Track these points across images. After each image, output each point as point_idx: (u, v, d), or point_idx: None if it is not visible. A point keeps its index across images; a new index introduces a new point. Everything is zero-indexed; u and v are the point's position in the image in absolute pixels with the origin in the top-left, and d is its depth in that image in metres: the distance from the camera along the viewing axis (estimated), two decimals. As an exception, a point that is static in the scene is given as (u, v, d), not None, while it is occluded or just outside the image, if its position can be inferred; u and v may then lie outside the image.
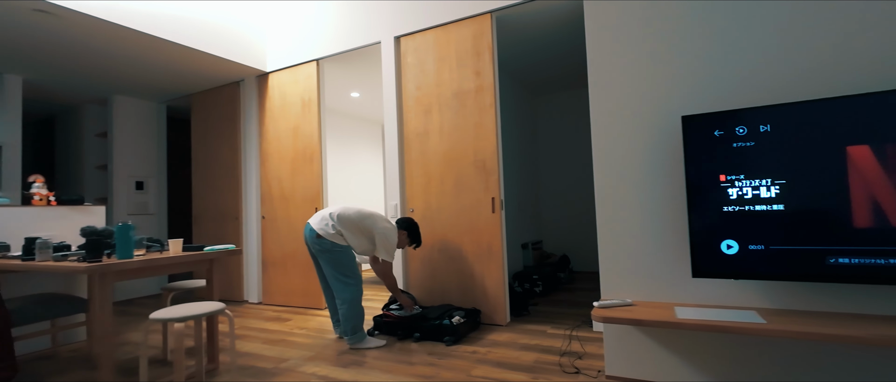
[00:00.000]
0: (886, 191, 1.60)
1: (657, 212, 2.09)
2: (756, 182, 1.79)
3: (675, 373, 2.04)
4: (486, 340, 2.86)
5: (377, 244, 2.81)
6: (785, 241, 1.74)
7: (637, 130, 2.14)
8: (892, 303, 1.69)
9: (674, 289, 2.05)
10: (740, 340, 1.92)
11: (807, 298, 1.82)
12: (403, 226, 3.04)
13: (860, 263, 1.63)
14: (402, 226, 3.04)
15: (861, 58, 1.75)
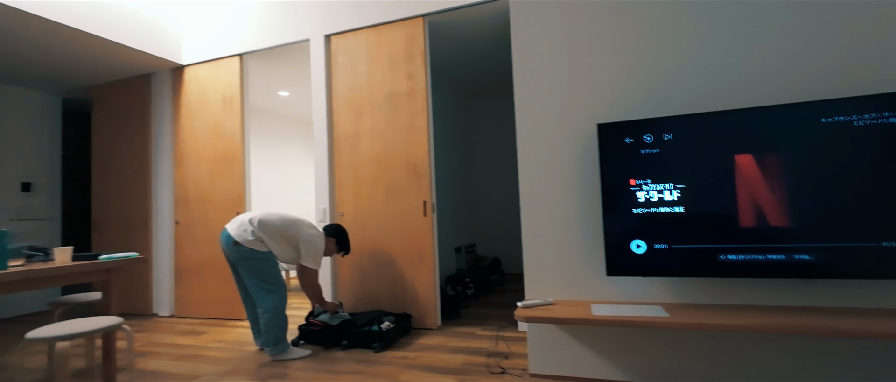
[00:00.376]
0: (765, 195, 1.80)
1: (577, 214, 2.20)
2: (661, 186, 1.94)
3: (593, 368, 2.15)
4: (416, 344, 2.83)
5: (302, 251, 2.69)
6: (685, 240, 1.90)
7: (559, 137, 2.25)
8: (770, 294, 1.91)
9: (591, 288, 2.17)
10: (648, 332, 2.07)
11: (704, 292, 2.00)
12: (331, 233, 2.94)
13: (745, 259, 1.82)
14: (330, 233, 2.94)
15: (747, 76, 1.96)
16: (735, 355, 1.95)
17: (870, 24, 1.82)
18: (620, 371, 2.11)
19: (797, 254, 1.76)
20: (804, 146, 1.76)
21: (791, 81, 1.91)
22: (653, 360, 2.06)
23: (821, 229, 1.73)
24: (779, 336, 1.89)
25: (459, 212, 5.13)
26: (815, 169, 1.74)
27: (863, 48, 1.82)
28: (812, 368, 1.85)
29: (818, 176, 1.74)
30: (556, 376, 2.20)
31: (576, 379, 2.16)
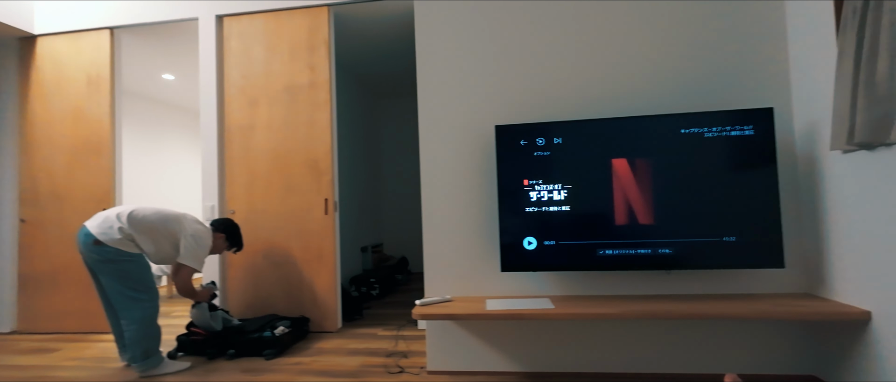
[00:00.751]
0: (636, 196, 2.01)
1: (475, 213, 2.26)
2: (551, 186, 2.07)
3: (489, 361, 2.22)
4: (313, 349, 2.70)
5: (183, 248, 2.41)
6: (570, 237, 2.05)
7: (460, 137, 2.29)
8: (640, 284, 2.14)
9: (487, 283, 2.24)
10: (537, 324, 2.19)
11: (586, 284, 2.17)
12: (221, 228, 2.69)
13: (619, 253, 2.02)
14: (220, 228, 2.68)
15: (627, 88, 2.18)
16: (612, 339, 2.14)
17: (718, 53, 2.12)
18: (514, 362, 2.21)
19: (660, 248, 1.99)
20: (666, 153, 1.99)
21: (661, 94, 2.15)
22: (542, 350, 2.19)
23: (678, 227, 1.98)
24: (646, 320, 2.12)
25: (366, 211, 5.02)
26: (675, 173, 1.98)
27: (713, 71, 2.12)
28: (674, 346, 2.11)
29: (677, 180, 1.98)
30: (454, 371, 2.23)
31: (472, 373, 2.21)
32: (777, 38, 2.09)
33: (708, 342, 2.09)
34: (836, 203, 1.83)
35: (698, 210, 1.97)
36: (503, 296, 2.21)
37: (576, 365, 2.16)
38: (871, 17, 1.59)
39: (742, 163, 1.94)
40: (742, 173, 1.94)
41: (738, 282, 2.08)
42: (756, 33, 2.10)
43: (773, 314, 1.74)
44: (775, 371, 2.05)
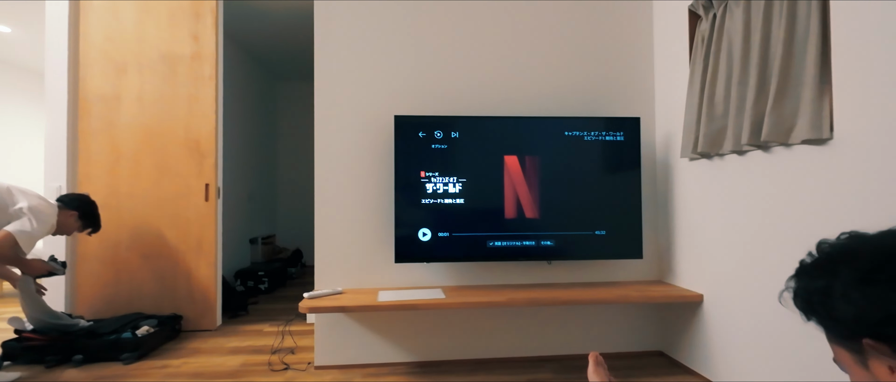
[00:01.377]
0: (524, 191, 2.14)
1: (370, 203, 2.22)
2: (447, 179, 2.11)
3: (380, 353, 2.20)
4: (186, 349, 2.43)
5: (18, 223, 1.99)
6: (463, 229, 2.12)
7: (357, 126, 2.22)
8: (525, 274, 2.29)
9: (380, 275, 2.22)
10: (429, 314, 2.23)
11: (476, 275, 2.26)
12: (72, 204, 2.28)
13: (507, 245, 2.13)
14: (71, 204, 2.28)
15: (520, 88, 2.30)
16: (499, 326, 2.26)
17: (600, 64, 2.34)
18: (405, 353, 2.22)
19: (544, 241, 2.15)
20: (552, 153, 2.15)
21: (550, 97, 2.32)
22: (433, 339, 2.23)
23: (560, 221, 2.15)
24: (530, 307, 2.28)
25: (257, 200, 4.67)
26: (558, 172, 2.15)
27: (596, 80, 2.34)
28: (553, 330, 2.29)
29: (560, 178, 2.15)
30: (343, 366, 2.18)
31: (363, 366, 2.18)
32: (646, 57, 2.37)
33: (580, 325, 2.31)
34: (682, 204, 2.14)
35: (576, 206, 2.16)
36: (396, 288, 2.21)
37: (466, 353, 2.25)
38: (715, 46, 1.88)
39: (613, 165, 2.18)
40: (613, 174, 2.18)
41: (605, 271, 2.33)
42: (630, 51, 2.36)
43: (631, 298, 1.99)
44: (632, 348, 2.34)
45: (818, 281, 0.54)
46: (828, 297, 0.53)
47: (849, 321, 0.50)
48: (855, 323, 0.50)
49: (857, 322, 0.49)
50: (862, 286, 0.49)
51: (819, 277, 0.55)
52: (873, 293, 0.48)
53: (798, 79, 1.50)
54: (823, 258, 0.56)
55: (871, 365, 0.50)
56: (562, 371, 2.12)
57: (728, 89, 1.80)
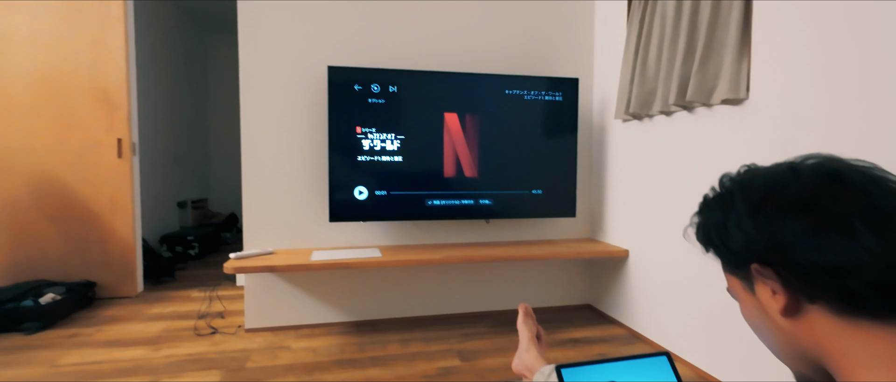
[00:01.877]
0: (464, 149, 2.12)
1: (302, 160, 2.10)
2: (384, 136, 2.04)
3: (314, 314, 2.15)
4: (100, 317, 2.25)
5: None
6: (401, 187, 2.07)
7: (287, 77, 2.07)
8: (464, 233, 2.30)
9: (314, 235, 2.14)
10: (365, 274, 2.20)
11: (413, 235, 2.24)
12: None
13: (446, 204, 2.12)
14: None
15: (462, 44, 2.23)
16: (436, 285, 2.27)
17: (541, 23, 2.32)
18: (341, 313, 2.18)
19: (482, 199, 2.16)
20: (492, 111, 2.13)
21: (491, 55, 2.27)
22: (370, 299, 2.21)
23: (498, 180, 2.16)
24: (466, 264, 2.30)
25: (187, 161, 4.33)
26: (498, 131, 2.14)
27: (537, 39, 2.32)
28: (489, 287, 2.34)
29: (499, 137, 2.14)
30: (275, 328, 2.11)
31: (297, 327, 2.12)
32: (587, 18, 2.37)
33: (514, 282, 2.37)
34: (614, 164, 2.21)
35: (515, 166, 2.17)
36: (330, 248, 2.14)
37: (403, 311, 2.25)
38: (650, 10, 1.90)
39: (551, 126, 2.19)
40: (551, 134, 2.20)
41: (540, 230, 2.39)
42: (572, 12, 2.35)
43: (563, 255, 2.06)
44: (563, 302, 2.45)
45: (716, 213, 0.55)
46: (724, 228, 0.53)
47: (739, 249, 0.51)
48: (745, 250, 0.50)
49: (747, 249, 0.50)
50: (752, 215, 0.50)
51: (717, 209, 0.55)
52: (762, 220, 0.48)
53: (722, 43, 1.55)
54: (723, 192, 0.56)
55: (757, 290, 0.52)
56: (496, 325, 2.18)
57: (660, 52, 1.84)
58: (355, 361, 1.78)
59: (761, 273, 0.49)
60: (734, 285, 0.56)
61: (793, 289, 0.46)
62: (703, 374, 1.66)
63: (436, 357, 1.82)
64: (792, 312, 0.47)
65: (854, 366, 0.42)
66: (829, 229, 0.43)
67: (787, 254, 0.46)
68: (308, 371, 1.68)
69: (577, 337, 2.05)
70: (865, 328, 0.42)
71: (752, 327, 0.56)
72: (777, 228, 0.47)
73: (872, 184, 0.45)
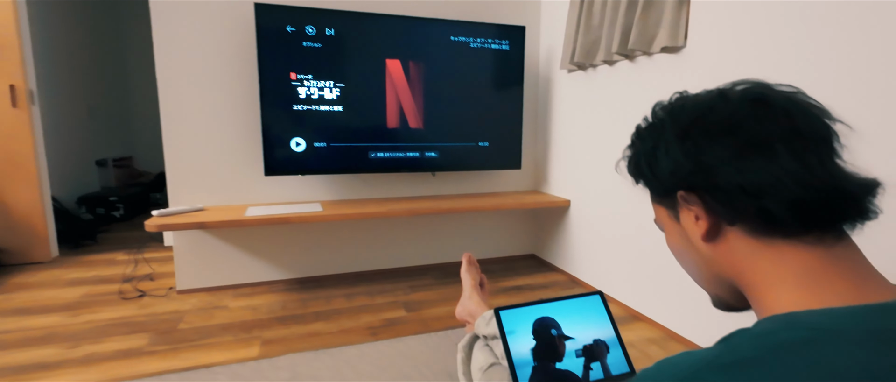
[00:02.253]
0: (408, 99, 2.03)
1: (231, 110, 1.94)
2: (322, 83, 1.91)
3: (255, 273, 2.06)
4: (7, 284, 2.03)
5: None
6: (342, 139, 1.97)
7: (208, 18, 1.86)
8: (410, 187, 2.26)
9: (249, 190, 2.01)
10: (306, 229, 2.12)
11: (356, 188, 2.17)
12: None
13: (390, 157, 2.05)
14: None
15: (402, -13, 2.10)
16: (380, 239, 2.24)
17: (488, -35, 2.21)
18: (281, 270, 2.10)
19: (428, 152, 2.11)
20: (437, 59, 2.04)
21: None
22: (312, 255, 2.14)
23: (444, 131, 2.11)
24: (411, 218, 2.28)
25: (106, 117, 3.91)
26: (443, 80, 2.07)
27: (482, -16, 2.22)
28: (434, 241, 2.34)
29: (445, 86, 2.07)
30: (211, 288, 2.00)
31: (234, 287, 2.03)
32: (534, -37, 2.30)
33: (460, 234, 2.39)
34: (558, 115, 2.22)
35: (461, 117, 2.12)
36: (267, 203, 2.03)
37: (348, 266, 2.21)
38: (596, -48, 1.86)
39: (498, 75, 2.15)
40: (497, 84, 2.16)
41: (487, 182, 2.40)
42: (519, -45, 2.26)
43: (507, 206, 2.08)
44: (508, 253, 2.51)
45: (647, 142, 0.54)
46: (653, 156, 0.52)
47: (667, 176, 0.50)
48: (671, 176, 0.50)
49: (674, 175, 0.49)
50: (681, 141, 0.49)
51: (648, 138, 0.54)
52: (689, 145, 0.48)
53: (664, -11, 1.54)
54: (654, 121, 0.55)
55: (682, 216, 0.52)
56: (442, 276, 2.20)
57: (605, 1, 1.82)
58: (298, 317, 1.73)
59: (686, 200, 0.49)
60: (661, 214, 0.56)
61: (715, 213, 0.47)
62: (632, 311, 1.77)
63: (381, 309, 1.81)
64: (713, 236, 0.48)
65: (764, 284, 0.43)
66: (752, 151, 0.43)
67: (711, 177, 0.45)
68: (247, 329, 1.62)
69: (520, 285, 2.11)
70: (778, 246, 0.43)
71: (676, 254, 0.56)
72: (703, 152, 0.46)
73: (795, 108, 0.45)
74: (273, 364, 1.37)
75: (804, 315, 0.37)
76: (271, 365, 1.36)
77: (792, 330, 0.35)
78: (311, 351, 1.45)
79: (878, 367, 0.32)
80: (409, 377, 1.31)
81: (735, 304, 0.51)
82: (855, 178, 0.41)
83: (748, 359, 0.34)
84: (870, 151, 1.00)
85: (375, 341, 1.53)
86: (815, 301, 0.39)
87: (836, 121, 0.45)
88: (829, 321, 0.35)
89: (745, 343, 0.36)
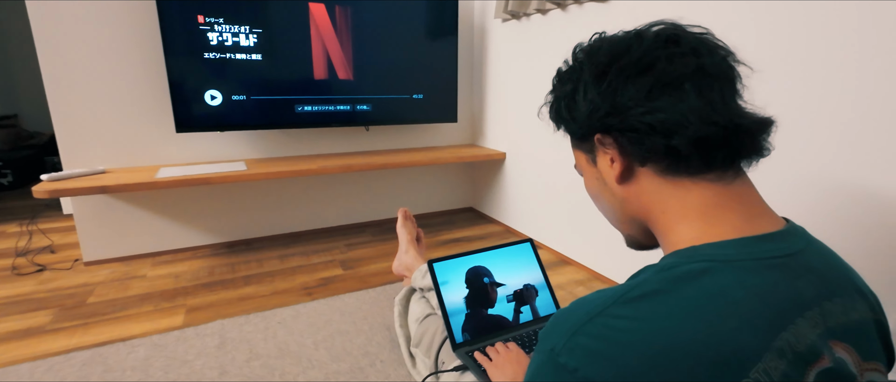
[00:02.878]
0: (336, 48, 1.90)
1: (130, 59, 1.70)
2: (236, 28, 1.72)
3: (177, 239, 1.91)
4: None
5: None
6: (264, 91, 1.82)
7: (92, -58, 1.58)
8: (341, 142, 2.16)
9: (160, 149, 1.82)
10: (235, 191, 1.98)
11: (283, 145, 2.04)
12: None
13: (319, 110, 1.93)
14: None
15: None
16: (312, 198, 2.15)
17: None
18: (209, 235, 1.97)
19: (360, 105, 2.01)
20: (365, 5, 1.90)
21: (360, -62, 1.98)
22: (242, 217, 2.02)
23: (376, 83, 2.01)
24: (344, 175, 2.20)
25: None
26: (374, 28, 1.94)
27: (412, -78, 2.07)
28: (369, 198, 2.29)
29: (376, 35, 1.95)
30: (125, 257, 1.84)
31: (153, 255, 1.87)
32: None
33: (398, 190, 2.36)
34: (494, 66, 2.20)
35: (394, 68, 2.03)
36: (183, 163, 1.86)
37: (281, 227, 2.11)
38: None
39: (431, 24, 2.06)
40: (431, 34, 2.07)
41: (423, 136, 2.36)
42: None
43: (444, 159, 2.06)
44: (447, 207, 2.53)
45: (567, 85, 0.53)
46: (572, 100, 0.52)
47: (584, 119, 0.50)
48: (588, 119, 0.50)
49: (590, 118, 0.49)
50: (598, 82, 0.48)
51: (568, 81, 0.53)
52: (605, 86, 0.47)
53: (594, -67, 1.52)
54: (574, 63, 0.54)
55: (599, 160, 0.52)
56: (380, 233, 2.18)
57: (538, -57, 1.77)
58: (227, 282, 1.65)
59: (602, 143, 0.49)
60: (580, 159, 0.56)
61: (627, 154, 0.47)
62: (562, 256, 1.87)
63: (317, 269, 1.76)
64: (626, 177, 0.49)
65: (671, 221, 0.45)
66: (662, 91, 0.43)
67: (624, 118, 0.45)
68: (169, 298, 1.51)
69: (458, 237, 2.15)
70: (683, 184, 0.44)
71: (593, 197, 0.57)
72: (618, 93, 0.46)
73: (704, 47, 0.45)
74: (199, 331, 1.30)
75: (702, 248, 0.40)
76: (197, 333, 1.29)
77: (692, 263, 0.37)
78: (242, 316, 1.39)
79: (763, 288, 0.36)
80: (346, 333, 1.30)
81: (646, 242, 0.54)
82: (752, 116, 0.43)
83: (652, 292, 0.36)
84: (766, 89, 1.08)
85: (311, 300, 1.50)
86: (713, 235, 0.41)
87: (739, 62, 0.46)
88: (722, 252, 0.38)
89: (651, 278, 0.38)
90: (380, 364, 1.16)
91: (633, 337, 0.34)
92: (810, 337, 0.36)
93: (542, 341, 0.39)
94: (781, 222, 0.44)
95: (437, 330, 1.02)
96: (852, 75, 0.92)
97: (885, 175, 0.89)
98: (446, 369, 0.93)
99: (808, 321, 0.37)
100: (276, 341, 1.26)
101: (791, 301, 0.37)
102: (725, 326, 0.33)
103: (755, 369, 0.33)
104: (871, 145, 0.91)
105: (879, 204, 0.91)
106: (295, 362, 1.17)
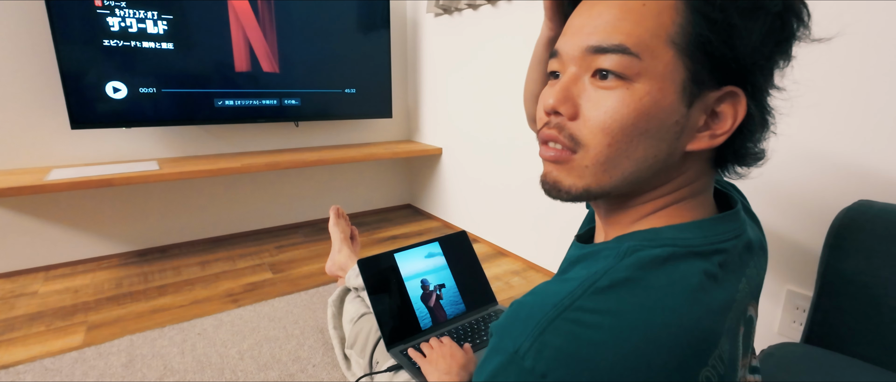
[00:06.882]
0: (259, 38, 1.79)
1: (17, 45, 1.48)
2: (141, 13, 1.55)
3: (75, 249, 1.69)
4: None
5: None
6: (177, 84, 1.66)
7: None
8: (269, 139, 2.04)
9: (52, 148, 1.61)
10: (150, 193, 1.80)
11: (206, 143, 1.89)
12: None
13: (242, 104, 1.81)
14: None
15: None
16: (236, 199, 2.01)
17: None
18: (118, 243, 1.77)
19: (288, 99, 1.91)
20: (290, -8, 1.81)
21: (283, -77, 1.88)
22: (157, 222, 1.84)
23: (305, 77, 1.92)
24: (272, 173, 2.08)
25: None
26: (300, 18, 1.85)
27: (339, -90, 1.99)
28: (298, 197, 2.18)
29: (303, 25, 1.86)
30: (10, 273, 1.60)
31: (48, 268, 1.65)
32: None
33: (332, 188, 2.27)
34: (428, 62, 2.18)
35: (324, 61, 1.95)
36: (81, 164, 1.66)
37: (202, 231, 1.95)
38: None
39: (363, 17, 2.00)
40: (362, 26, 2.01)
41: (357, 133, 2.29)
42: None
43: (379, 156, 2.01)
44: (385, 204, 2.48)
45: None
46: (749, 14, 0.39)
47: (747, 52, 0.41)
48: (752, 53, 0.42)
49: (754, 53, 0.41)
50: (777, 15, 0.42)
51: None
52: (779, 25, 0.38)
53: (521, -70, 1.55)
54: None
55: (698, 103, 0.40)
56: (313, 233, 2.08)
57: (467, -62, 1.77)
58: (137, 293, 1.49)
59: (733, 97, 0.38)
60: (661, 76, 0.36)
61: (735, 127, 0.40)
62: (498, 248, 1.90)
63: (243, 274, 1.65)
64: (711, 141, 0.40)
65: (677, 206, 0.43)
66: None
67: (767, 82, 0.39)
68: (65, 316, 1.34)
69: (396, 234, 2.11)
70: (711, 176, 0.44)
71: (621, 119, 0.37)
72: (787, 41, 0.38)
73: None
74: (102, 350, 1.15)
75: (663, 231, 0.38)
76: (99, 352, 1.15)
77: (654, 247, 0.36)
78: (155, 329, 1.26)
79: (717, 272, 0.36)
80: (274, 339, 1.22)
81: (604, 204, 0.44)
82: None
83: (623, 280, 0.34)
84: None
85: (237, 308, 1.39)
86: (678, 217, 0.41)
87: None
88: (682, 235, 0.38)
89: (617, 265, 0.35)
90: (312, 369, 1.10)
91: (606, 335, 0.31)
92: (742, 307, 0.38)
93: (502, 338, 0.34)
94: (724, 196, 0.46)
95: (372, 330, 0.98)
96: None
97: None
98: (380, 369, 0.90)
99: (741, 293, 0.38)
100: (195, 354, 1.15)
101: (737, 280, 0.38)
102: (691, 314, 0.33)
103: (712, 356, 0.33)
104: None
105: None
106: (216, 374, 1.07)
